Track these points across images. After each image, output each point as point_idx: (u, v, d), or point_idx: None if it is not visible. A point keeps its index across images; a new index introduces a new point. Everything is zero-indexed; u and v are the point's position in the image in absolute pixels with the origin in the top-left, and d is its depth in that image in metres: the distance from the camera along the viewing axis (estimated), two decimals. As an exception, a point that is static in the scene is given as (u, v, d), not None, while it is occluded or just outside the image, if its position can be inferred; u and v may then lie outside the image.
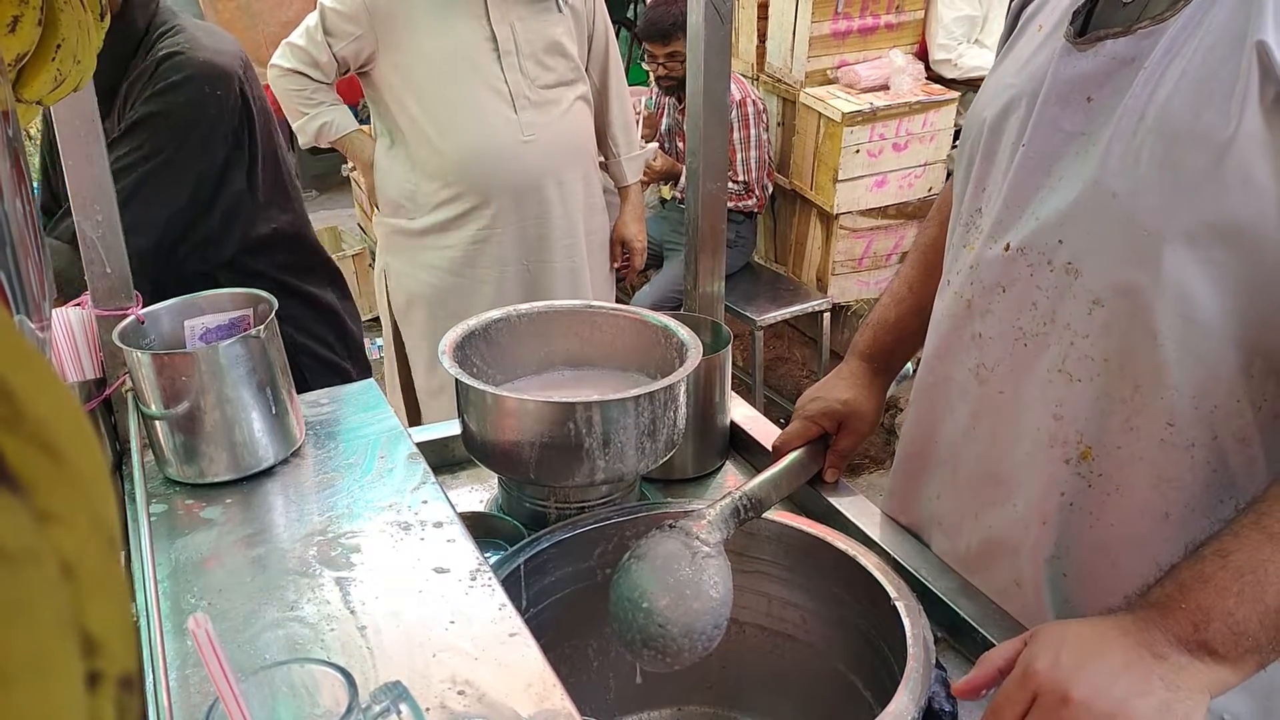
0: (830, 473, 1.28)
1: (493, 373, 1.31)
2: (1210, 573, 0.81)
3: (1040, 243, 0.96)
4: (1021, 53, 1.04)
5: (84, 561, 0.19)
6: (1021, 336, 1.00)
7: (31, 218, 0.74)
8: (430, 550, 1.00)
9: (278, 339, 1.18)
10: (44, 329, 0.80)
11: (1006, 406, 1.03)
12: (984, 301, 1.03)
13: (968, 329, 1.06)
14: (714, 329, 1.42)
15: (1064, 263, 0.94)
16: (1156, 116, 0.86)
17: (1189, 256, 0.85)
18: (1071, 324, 0.95)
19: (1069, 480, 0.98)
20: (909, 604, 1.00)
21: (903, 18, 3.79)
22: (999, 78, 1.06)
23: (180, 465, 1.15)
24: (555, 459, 1.15)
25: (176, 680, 0.84)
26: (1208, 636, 0.79)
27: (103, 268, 1.26)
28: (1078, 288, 0.94)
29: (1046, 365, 0.98)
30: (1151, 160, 0.86)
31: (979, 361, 1.05)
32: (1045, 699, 0.80)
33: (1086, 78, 0.93)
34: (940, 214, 1.26)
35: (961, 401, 1.09)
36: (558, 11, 2.48)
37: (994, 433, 1.05)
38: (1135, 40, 0.90)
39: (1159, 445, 0.91)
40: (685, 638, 0.98)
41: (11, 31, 0.70)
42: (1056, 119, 0.95)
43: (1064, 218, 0.94)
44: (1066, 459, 0.98)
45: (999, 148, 1.03)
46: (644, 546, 1.03)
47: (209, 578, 0.98)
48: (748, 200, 3.58)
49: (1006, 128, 1.02)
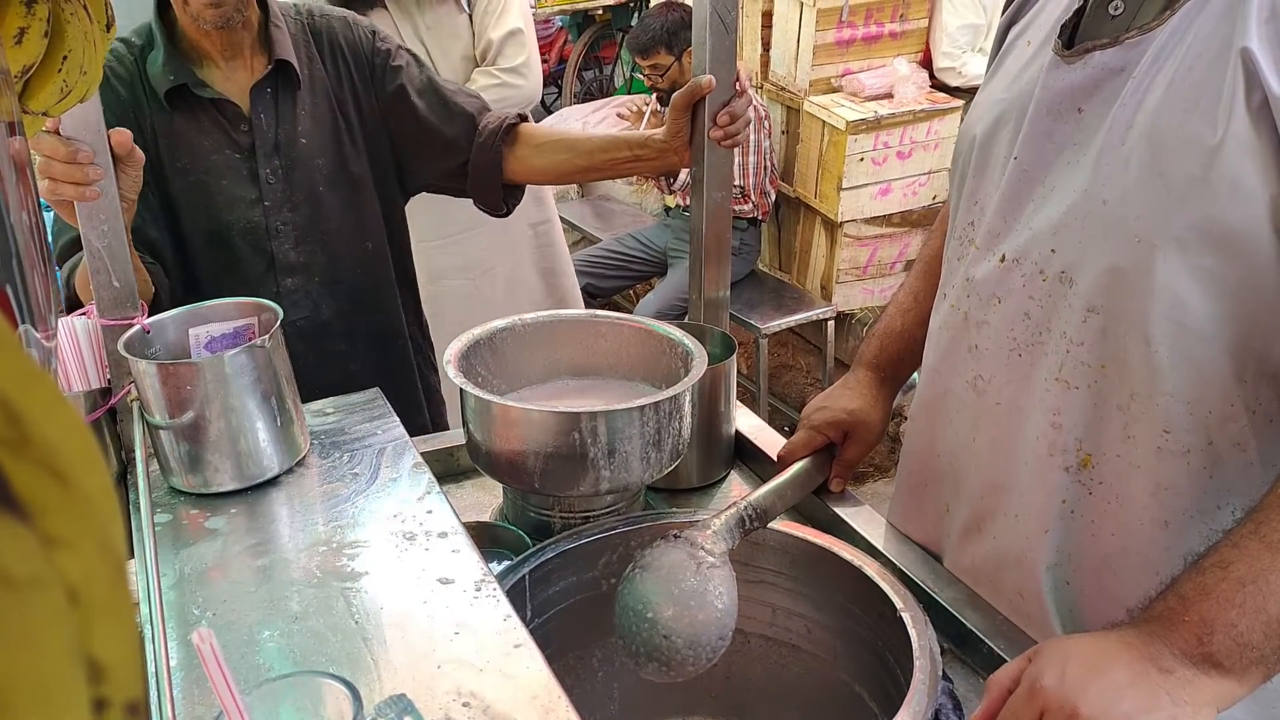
0: (836, 483, 1.28)
1: (497, 382, 1.31)
2: (1211, 585, 0.81)
3: (1033, 253, 0.97)
4: (1010, 68, 1.04)
5: (91, 587, 0.19)
6: (1017, 347, 1.00)
7: (38, 229, 0.74)
8: (435, 560, 1.00)
9: (283, 349, 1.18)
10: (50, 339, 0.80)
11: (1005, 417, 1.03)
12: (980, 314, 1.04)
13: (964, 341, 1.07)
14: (719, 338, 1.42)
15: (1057, 272, 0.95)
16: (1145, 124, 0.87)
17: (1180, 262, 0.86)
18: (1066, 332, 0.95)
19: (1069, 488, 0.98)
20: (915, 615, 1.00)
21: (907, 26, 3.79)
22: (989, 94, 1.07)
23: (185, 475, 1.15)
24: (560, 469, 1.15)
25: (181, 691, 0.84)
26: (1212, 649, 0.79)
27: (109, 278, 1.26)
28: (1071, 296, 0.94)
29: (1043, 375, 0.98)
30: (1141, 167, 0.87)
31: (976, 373, 1.06)
32: (1053, 715, 0.80)
33: (1076, 89, 0.94)
34: (944, 225, 1.25)
35: (961, 414, 1.09)
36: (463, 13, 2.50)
37: (994, 443, 1.05)
38: (1123, 50, 0.90)
39: (1156, 453, 0.91)
40: (690, 649, 0.97)
41: (18, 43, 0.70)
42: (1048, 130, 0.96)
43: (1056, 227, 0.94)
44: (1066, 467, 0.98)
45: (990, 162, 1.04)
46: (649, 557, 1.03)
47: (213, 588, 0.98)
48: (744, 205, 3.58)
49: (997, 142, 1.02)
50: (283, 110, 1.58)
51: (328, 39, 1.64)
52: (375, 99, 1.65)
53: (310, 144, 1.60)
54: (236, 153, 1.57)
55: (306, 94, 1.60)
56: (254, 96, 1.56)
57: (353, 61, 1.64)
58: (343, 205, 1.64)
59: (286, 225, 1.59)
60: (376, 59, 1.65)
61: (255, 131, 1.56)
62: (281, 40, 1.57)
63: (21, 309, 0.68)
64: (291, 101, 1.59)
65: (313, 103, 1.60)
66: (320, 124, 1.61)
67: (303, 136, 1.60)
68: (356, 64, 1.64)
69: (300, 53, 1.60)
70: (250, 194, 1.57)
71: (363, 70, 1.64)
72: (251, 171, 1.57)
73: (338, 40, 1.64)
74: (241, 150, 1.57)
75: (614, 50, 6.15)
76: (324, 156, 1.61)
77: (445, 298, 2.61)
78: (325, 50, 1.63)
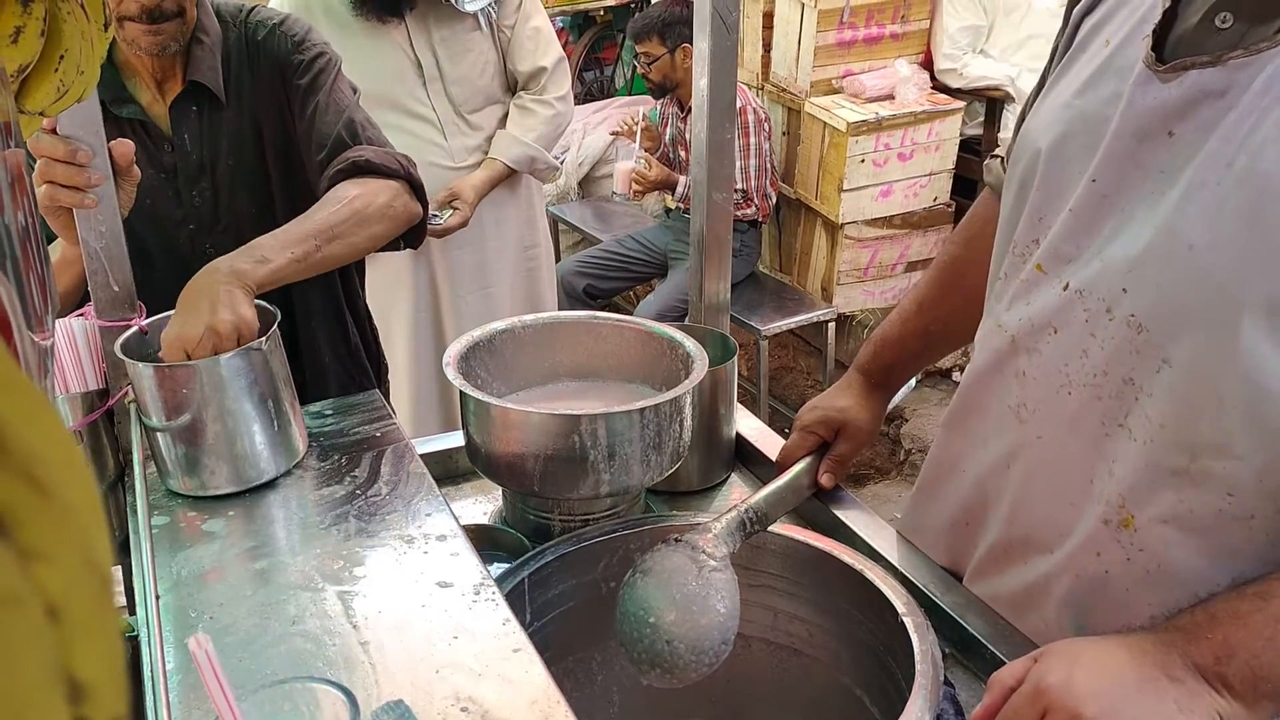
0: (826, 477, 1.24)
1: (497, 384, 1.30)
2: (1246, 611, 0.79)
3: (1102, 288, 0.88)
4: (1083, 70, 0.93)
5: (72, 603, 0.18)
6: (1068, 384, 0.92)
7: (34, 230, 0.74)
8: (433, 564, 0.99)
9: (280, 351, 1.18)
10: (46, 339, 0.79)
11: (1047, 453, 0.96)
12: (1031, 340, 0.96)
13: (1010, 365, 0.99)
14: (719, 340, 1.41)
15: (1126, 314, 0.86)
16: (1247, 165, 0.77)
17: (1267, 326, 0.77)
18: (1133, 380, 0.86)
19: (1107, 544, 0.91)
20: (917, 619, 0.99)
21: (908, 27, 3.78)
22: (1057, 97, 0.96)
23: (182, 477, 1.14)
24: (560, 471, 1.14)
25: (178, 696, 0.83)
26: (1227, 671, 0.77)
27: (106, 278, 1.26)
28: (1140, 343, 0.85)
29: (1095, 418, 0.90)
30: (1237, 214, 0.78)
31: (1020, 401, 0.98)
32: (1055, 716, 0.79)
33: (1168, 109, 0.83)
34: (966, 233, 1.20)
35: (998, 437, 1.03)
36: (479, 30, 2.50)
37: (1030, 476, 0.99)
38: (1227, 72, 0.79)
39: (1215, 515, 0.84)
40: (692, 654, 0.97)
41: (14, 42, 0.70)
42: (1131, 153, 0.85)
43: (1131, 264, 0.85)
44: (1106, 520, 0.91)
45: (1061, 179, 0.93)
46: (650, 561, 1.02)
47: (210, 591, 0.97)
48: (747, 209, 3.58)
49: (1070, 155, 0.92)
50: (207, 130, 1.52)
51: (262, 49, 1.55)
52: (293, 111, 1.56)
53: (237, 164, 1.54)
54: (161, 172, 1.51)
55: (232, 112, 1.53)
56: (174, 116, 1.50)
57: (278, 72, 1.55)
58: (275, 225, 1.49)
59: (214, 249, 1.44)
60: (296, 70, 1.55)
61: (178, 152, 1.51)
62: (202, 57, 1.49)
63: (18, 313, 0.67)
64: (217, 120, 1.52)
65: (237, 121, 1.54)
66: (245, 143, 1.54)
67: (228, 156, 1.53)
68: (282, 74, 1.55)
69: (230, 66, 1.53)
70: (175, 214, 1.53)
71: (287, 80, 1.55)
72: (175, 192, 1.52)
73: (262, 50, 1.55)
74: (165, 170, 1.52)
75: (615, 51, 6.14)
76: (253, 176, 1.55)
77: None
78: (258, 60, 1.55)
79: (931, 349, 1.29)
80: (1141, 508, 0.88)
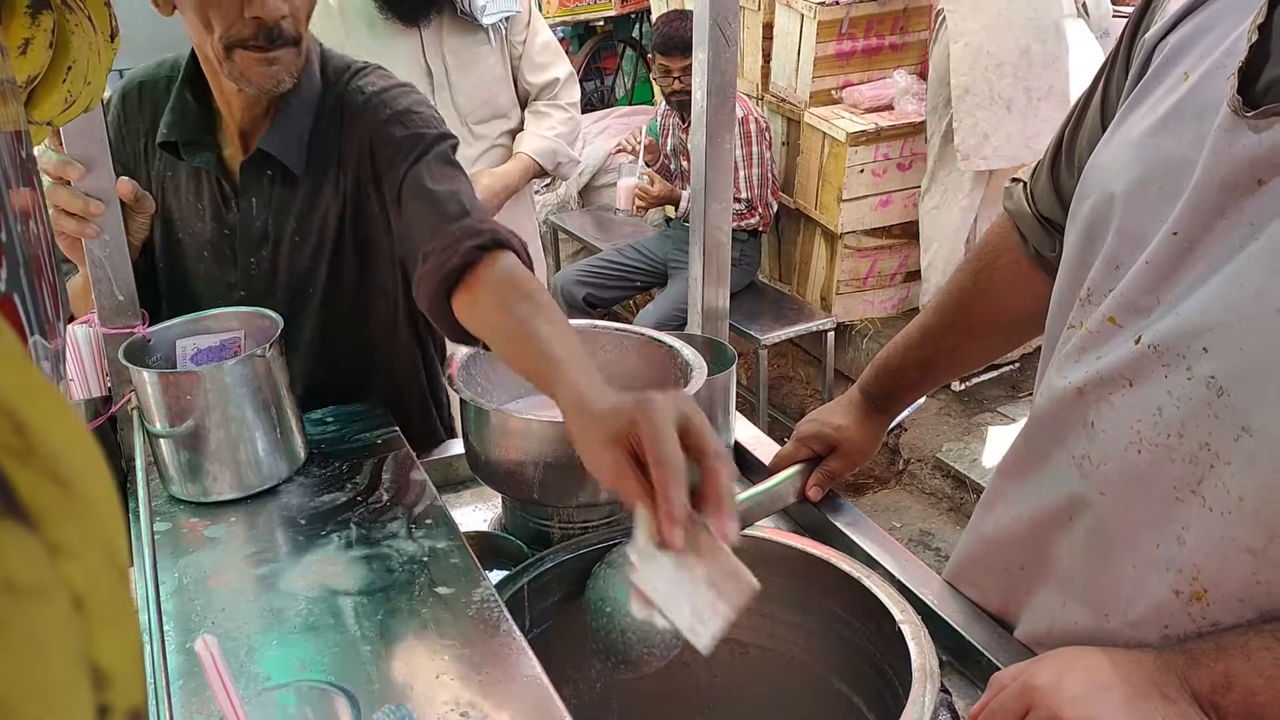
0: (814, 490, 1.25)
1: (497, 392, 1.31)
2: (1255, 647, 0.77)
3: (1180, 345, 0.81)
4: (1159, 105, 0.86)
5: (95, 594, 0.19)
6: (1138, 442, 0.85)
7: (45, 238, 0.75)
8: (434, 570, 1.00)
9: (282, 358, 1.19)
10: (59, 347, 0.80)
11: (1113, 513, 0.89)
12: (1102, 391, 0.89)
13: (1077, 414, 0.92)
14: (718, 349, 1.42)
15: (1206, 375, 0.79)
16: None
17: None
18: (1209, 445, 0.80)
19: (1177, 616, 0.84)
20: (914, 627, 1.00)
21: (907, 39, 3.80)
22: (1129, 131, 0.89)
23: (184, 483, 1.15)
24: (559, 479, 1.15)
25: (180, 702, 0.84)
26: (1223, 702, 0.76)
27: (110, 287, 1.27)
28: (1220, 407, 0.79)
29: (1168, 482, 0.84)
30: None
31: (1085, 453, 0.91)
32: (1037, 714, 0.79)
33: (1259, 159, 0.76)
34: (978, 264, 1.16)
35: (1059, 488, 0.96)
36: (489, 44, 2.53)
37: (1094, 535, 0.92)
38: None
39: None
40: (642, 645, 1.00)
41: (23, 53, 0.71)
42: (1217, 204, 0.79)
43: (1213, 323, 0.79)
44: (1177, 590, 0.84)
45: (1140, 223, 0.86)
46: (616, 554, 1.06)
47: (212, 597, 0.98)
48: (750, 219, 3.59)
49: (1145, 203, 0.86)
50: (276, 199, 1.35)
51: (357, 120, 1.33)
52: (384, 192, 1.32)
53: (303, 242, 1.36)
54: (224, 229, 1.37)
55: (309, 186, 1.34)
56: (244, 177, 1.34)
57: (368, 148, 1.32)
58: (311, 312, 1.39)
59: None
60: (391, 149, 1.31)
61: (243, 215, 1.35)
62: (287, 121, 1.31)
63: (30, 319, 0.68)
64: (289, 192, 1.34)
65: (314, 193, 1.34)
66: (317, 220, 1.35)
67: (295, 234, 1.36)
68: (373, 153, 1.32)
69: (318, 134, 1.33)
70: (229, 277, 1.38)
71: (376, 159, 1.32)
72: (231, 252, 1.37)
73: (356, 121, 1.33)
74: (228, 228, 1.37)
75: (615, 61, 6.17)
76: (318, 259, 1.36)
77: None
78: (350, 132, 1.33)
79: (931, 379, 1.26)
80: (1216, 583, 0.82)
